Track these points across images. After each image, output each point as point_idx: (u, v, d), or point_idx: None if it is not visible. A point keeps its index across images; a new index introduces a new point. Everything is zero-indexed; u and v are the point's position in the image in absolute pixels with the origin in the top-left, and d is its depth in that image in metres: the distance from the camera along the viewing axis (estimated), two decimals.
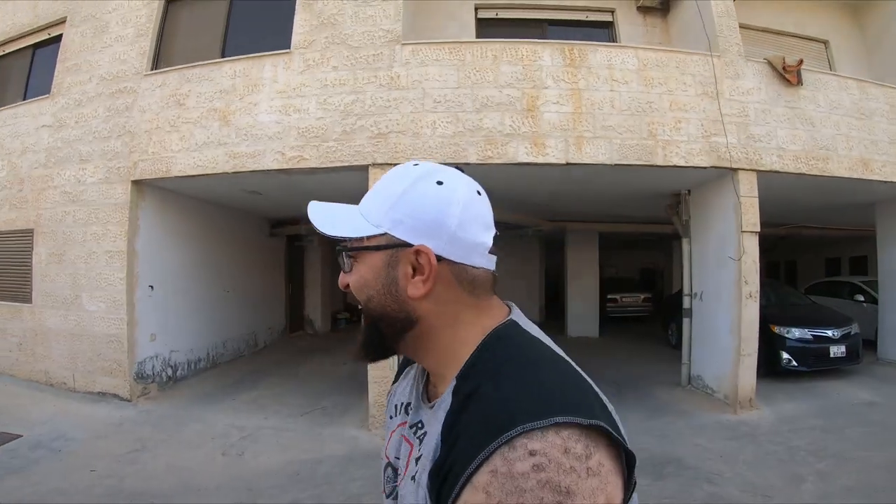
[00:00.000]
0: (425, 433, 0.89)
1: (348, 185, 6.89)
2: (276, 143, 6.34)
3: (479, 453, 0.72)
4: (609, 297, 15.47)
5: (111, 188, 6.97)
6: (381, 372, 6.04)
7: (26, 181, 7.65)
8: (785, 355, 7.59)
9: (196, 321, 8.35)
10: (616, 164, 6.21)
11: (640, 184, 7.28)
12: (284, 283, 12.16)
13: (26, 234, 7.60)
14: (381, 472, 1.01)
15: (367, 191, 2.37)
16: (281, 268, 11.89)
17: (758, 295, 6.58)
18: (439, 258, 0.86)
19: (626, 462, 0.76)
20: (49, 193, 7.42)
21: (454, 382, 0.85)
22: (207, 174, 6.57)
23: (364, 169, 6.17)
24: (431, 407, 0.91)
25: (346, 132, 6.21)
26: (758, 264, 6.64)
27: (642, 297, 16.23)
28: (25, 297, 7.58)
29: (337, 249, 0.94)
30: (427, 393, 0.97)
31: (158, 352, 7.40)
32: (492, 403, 0.77)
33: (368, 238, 0.88)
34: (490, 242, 0.90)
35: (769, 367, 7.49)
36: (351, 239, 0.90)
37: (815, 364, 7.61)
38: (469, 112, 6.14)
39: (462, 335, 0.88)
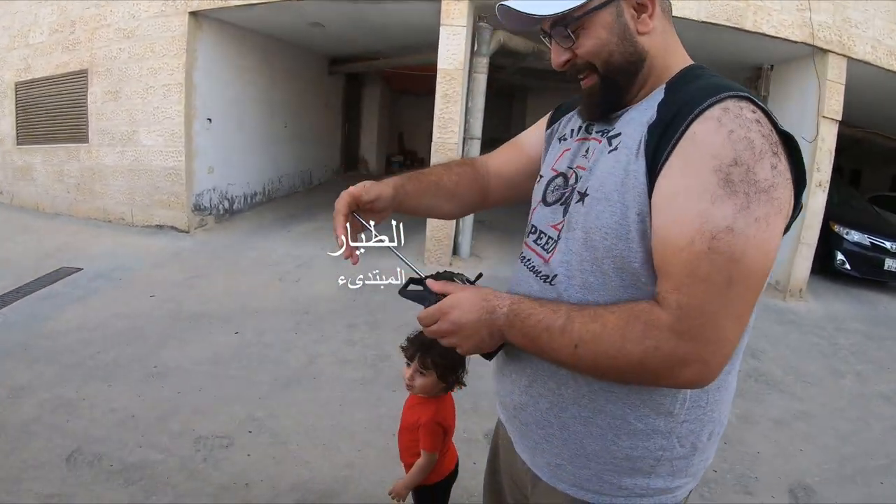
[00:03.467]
0: (617, 133, 0.93)
1: (416, 18, 6.39)
2: None
3: (710, 98, 0.80)
4: None
5: (167, 21, 6.42)
6: None
7: (78, 22, 7.17)
8: (839, 256, 7.07)
9: (253, 155, 8.13)
10: (703, 21, 5.42)
11: (723, 50, 6.42)
12: (341, 123, 11.75)
13: (81, 75, 7.23)
14: (542, 185, 1.10)
15: (437, 25, 4.78)
16: (338, 107, 11.43)
17: (827, 185, 6.09)
18: None
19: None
20: (102, 32, 6.94)
21: (663, 85, 0.93)
22: (268, 1, 5.99)
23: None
24: (623, 113, 0.96)
25: None
26: (833, 154, 6.05)
27: None
28: (82, 138, 7.36)
29: (551, 29, 0.96)
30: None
31: (216, 184, 7.22)
32: (716, 81, 0.87)
33: (591, 2, 0.91)
34: None
35: (822, 265, 7.01)
36: (570, 11, 0.91)
37: (867, 272, 7.10)
38: None
39: (672, 63, 0.96)
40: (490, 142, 6.06)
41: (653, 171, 0.83)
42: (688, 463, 0.96)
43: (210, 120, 6.97)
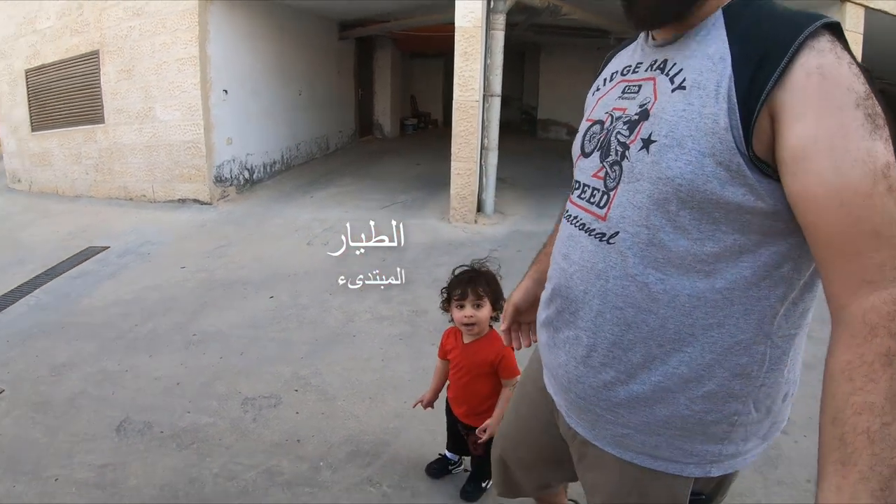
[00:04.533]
0: (679, 69, 0.83)
1: None
2: None
3: (807, 28, 0.71)
4: None
5: None
6: (464, 164, 5.57)
7: (85, 4, 7.04)
8: None
9: (270, 124, 8.00)
10: None
11: None
12: (354, 88, 11.50)
13: (92, 57, 7.12)
14: (580, 138, 1.01)
15: None
16: (350, 72, 11.19)
17: None
18: None
19: None
20: (111, 12, 6.79)
21: (718, 11, 0.82)
22: None
23: None
24: (674, 41, 0.86)
25: None
26: None
27: None
28: (97, 119, 7.26)
29: None
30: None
31: (235, 155, 7.11)
32: (782, 8, 0.78)
33: None
34: None
35: None
36: None
37: None
38: None
39: None
40: (503, 100, 5.89)
41: (748, 114, 0.73)
42: (761, 427, 0.90)
43: (226, 91, 6.82)
